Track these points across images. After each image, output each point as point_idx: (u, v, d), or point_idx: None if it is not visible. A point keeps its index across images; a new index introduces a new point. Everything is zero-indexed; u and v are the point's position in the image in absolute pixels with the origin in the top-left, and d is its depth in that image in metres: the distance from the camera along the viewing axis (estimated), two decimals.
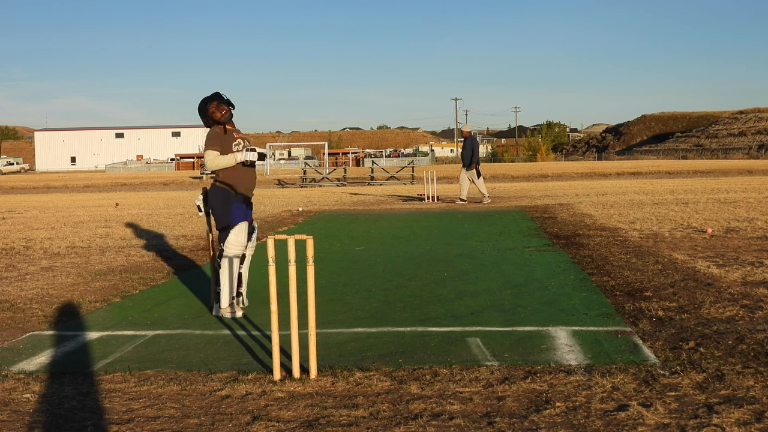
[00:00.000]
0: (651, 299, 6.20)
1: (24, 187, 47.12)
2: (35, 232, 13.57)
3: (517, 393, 3.94)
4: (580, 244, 9.78)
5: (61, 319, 6.21)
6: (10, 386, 4.32)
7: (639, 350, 4.70)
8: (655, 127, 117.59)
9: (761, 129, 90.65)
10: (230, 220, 6.05)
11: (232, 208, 6.07)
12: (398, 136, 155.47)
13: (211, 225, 6.37)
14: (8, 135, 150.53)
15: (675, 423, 3.46)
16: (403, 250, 9.98)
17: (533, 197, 20.57)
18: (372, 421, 3.61)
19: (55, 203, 24.42)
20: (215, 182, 6.14)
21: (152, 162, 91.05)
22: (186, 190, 36.34)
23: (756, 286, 6.60)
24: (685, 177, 36.29)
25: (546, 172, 45.70)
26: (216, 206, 6.12)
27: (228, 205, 6.07)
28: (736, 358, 4.43)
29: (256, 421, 3.64)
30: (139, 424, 3.66)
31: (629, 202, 17.20)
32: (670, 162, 64.28)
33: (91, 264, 9.29)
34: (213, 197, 6.15)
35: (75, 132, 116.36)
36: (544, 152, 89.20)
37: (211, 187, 6.22)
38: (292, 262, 4.40)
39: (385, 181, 37.60)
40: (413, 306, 6.35)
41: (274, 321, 4.47)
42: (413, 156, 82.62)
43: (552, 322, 5.58)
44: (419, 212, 16.78)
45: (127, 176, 60.72)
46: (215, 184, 6.14)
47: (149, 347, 5.23)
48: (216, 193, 6.14)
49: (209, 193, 6.23)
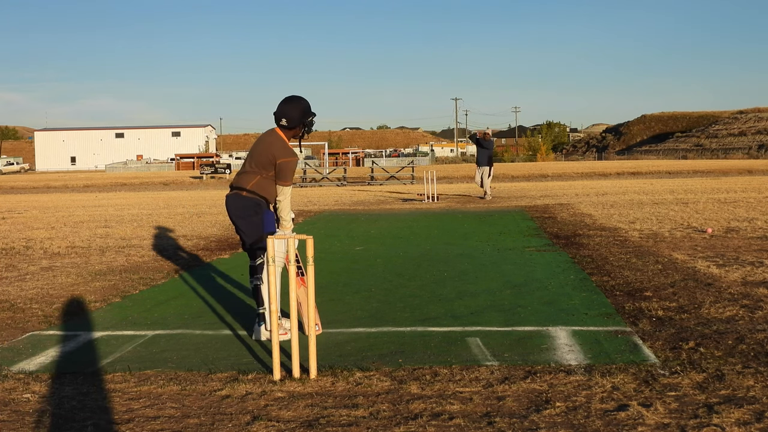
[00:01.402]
0: (651, 299, 6.20)
1: (24, 187, 47.12)
2: (35, 232, 13.57)
3: (517, 393, 3.95)
4: (580, 244, 9.78)
5: (61, 319, 6.21)
6: (10, 386, 4.32)
7: (639, 350, 4.70)
8: (655, 127, 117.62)
9: (761, 129, 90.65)
10: (264, 229, 5.34)
11: (265, 217, 5.39)
12: (398, 136, 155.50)
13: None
14: (8, 135, 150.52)
15: (675, 423, 3.46)
16: (403, 250, 9.98)
17: (533, 197, 20.57)
18: (372, 421, 3.61)
19: (55, 203, 24.42)
20: (241, 191, 5.44)
21: (152, 162, 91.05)
22: (186, 190, 36.34)
23: (756, 286, 6.60)
24: (685, 177, 36.29)
25: (546, 172, 45.70)
26: (246, 216, 5.39)
27: (260, 214, 5.38)
28: (736, 358, 4.43)
29: (256, 421, 3.64)
30: (139, 424, 3.66)
31: (629, 202, 17.20)
32: (670, 162, 64.28)
33: (91, 264, 9.29)
34: (242, 207, 5.41)
35: (75, 132, 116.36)
36: (544, 152, 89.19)
37: (235, 197, 5.48)
38: (292, 262, 4.40)
39: (385, 181, 37.61)
40: (413, 306, 6.35)
41: (274, 321, 4.47)
42: (413, 156, 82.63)
43: (552, 322, 5.58)
44: (419, 212, 16.79)
45: (127, 176, 60.72)
46: (241, 194, 5.43)
47: (149, 347, 5.23)
48: (245, 202, 5.42)
49: (234, 203, 5.47)
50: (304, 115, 5.43)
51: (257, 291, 5.43)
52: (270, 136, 5.46)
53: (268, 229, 5.36)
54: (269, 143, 5.40)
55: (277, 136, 5.44)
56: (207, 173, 50.39)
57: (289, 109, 5.41)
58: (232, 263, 9.16)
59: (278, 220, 5.51)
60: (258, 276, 5.43)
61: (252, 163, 5.45)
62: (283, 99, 5.51)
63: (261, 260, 5.41)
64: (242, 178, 5.48)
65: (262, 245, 5.37)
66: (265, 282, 5.26)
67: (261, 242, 5.37)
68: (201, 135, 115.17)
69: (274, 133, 5.47)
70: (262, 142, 5.46)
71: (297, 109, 5.42)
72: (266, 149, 5.38)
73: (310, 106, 5.51)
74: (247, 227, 5.41)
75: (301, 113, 5.41)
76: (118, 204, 22.76)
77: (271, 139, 5.43)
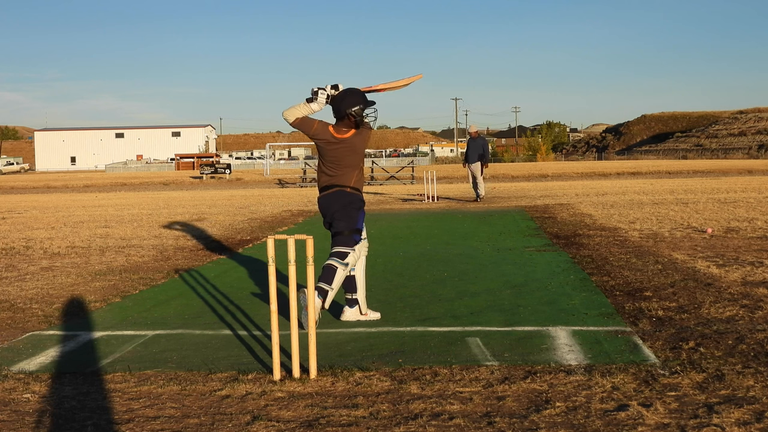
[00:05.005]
0: (651, 299, 6.20)
1: (24, 187, 47.12)
2: (35, 232, 13.57)
3: (517, 393, 3.95)
4: (580, 244, 9.78)
5: (61, 319, 6.21)
6: (10, 386, 4.32)
7: (639, 350, 4.70)
8: (655, 127, 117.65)
9: (761, 129, 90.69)
10: (357, 224, 5.85)
11: (361, 213, 5.90)
12: (398, 136, 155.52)
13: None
14: (8, 135, 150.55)
15: (675, 423, 3.46)
16: (403, 250, 9.98)
17: (533, 197, 20.57)
18: (372, 421, 3.61)
19: (55, 203, 24.42)
20: (345, 188, 5.84)
21: (152, 162, 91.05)
22: (186, 190, 36.35)
23: (756, 286, 6.60)
24: (685, 177, 36.29)
25: (546, 172, 45.70)
26: (346, 210, 5.80)
27: (359, 210, 5.87)
28: (736, 358, 4.43)
29: (256, 421, 3.64)
30: (139, 424, 3.66)
31: (629, 202, 17.20)
32: (670, 162, 64.28)
33: (91, 264, 9.30)
34: (345, 202, 5.83)
35: (75, 132, 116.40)
36: (544, 152, 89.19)
37: (339, 192, 5.85)
38: (292, 262, 4.40)
39: (385, 181, 37.61)
40: (413, 306, 6.35)
41: (274, 321, 4.47)
42: (413, 156, 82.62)
43: (552, 322, 5.58)
44: (419, 212, 16.79)
45: (127, 176, 60.72)
46: (345, 190, 5.83)
47: (149, 347, 5.23)
48: (349, 197, 5.84)
49: (337, 198, 5.86)
50: (361, 102, 5.79)
51: (350, 280, 5.87)
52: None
53: (360, 225, 5.87)
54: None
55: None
56: (207, 173, 50.39)
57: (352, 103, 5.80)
58: (232, 263, 9.17)
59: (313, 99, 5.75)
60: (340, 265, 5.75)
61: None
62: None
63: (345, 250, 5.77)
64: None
65: (349, 237, 5.79)
66: (359, 270, 5.90)
67: (341, 234, 5.80)
68: (201, 135, 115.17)
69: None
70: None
71: (361, 99, 5.81)
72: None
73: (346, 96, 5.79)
74: (342, 217, 5.85)
75: (360, 101, 5.78)
76: (118, 204, 22.76)
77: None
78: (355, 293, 5.89)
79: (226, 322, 5.98)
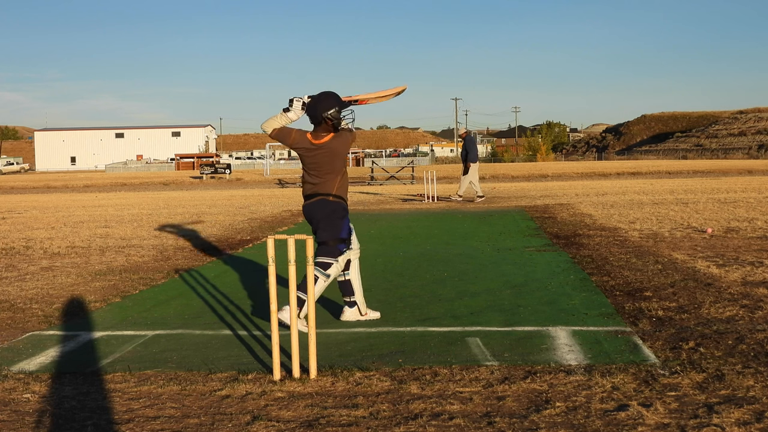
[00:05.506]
0: (651, 299, 6.20)
1: (24, 187, 47.12)
2: (35, 232, 13.57)
3: (517, 393, 3.95)
4: (580, 244, 9.78)
5: (61, 319, 6.21)
6: (10, 386, 4.32)
7: (639, 350, 4.70)
8: (655, 127, 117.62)
9: (761, 129, 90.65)
10: (341, 233, 5.70)
11: (345, 222, 5.75)
12: (398, 136, 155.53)
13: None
14: (8, 135, 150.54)
15: (675, 423, 3.46)
16: (403, 250, 9.99)
17: (533, 197, 20.57)
18: (372, 421, 3.61)
19: (55, 203, 24.42)
20: (328, 196, 5.70)
21: (152, 162, 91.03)
22: (186, 190, 36.34)
23: (756, 286, 6.60)
24: (685, 177, 36.29)
25: (546, 172, 45.70)
26: (329, 219, 5.67)
27: (343, 219, 5.72)
28: (736, 358, 4.43)
29: (256, 421, 3.64)
30: (139, 424, 3.66)
31: (629, 202, 17.20)
32: (670, 162, 64.27)
33: (91, 264, 9.30)
34: (328, 211, 5.69)
35: (75, 132, 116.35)
36: (544, 152, 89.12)
37: (321, 202, 5.72)
38: (292, 262, 4.40)
39: (385, 180, 37.60)
40: (413, 306, 6.35)
41: (274, 321, 4.47)
42: (413, 156, 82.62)
43: (552, 322, 5.58)
44: (419, 212, 16.79)
45: (127, 176, 60.71)
46: (328, 199, 5.69)
47: (149, 347, 5.23)
48: (332, 206, 5.70)
49: (319, 207, 5.73)
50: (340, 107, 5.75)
51: (346, 284, 5.85)
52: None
53: (344, 235, 5.75)
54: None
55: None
56: (207, 173, 50.37)
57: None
58: (232, 263, 9.17)
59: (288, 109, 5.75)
60: (344, 272, 5.81)
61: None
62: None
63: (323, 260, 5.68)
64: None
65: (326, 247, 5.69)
66: (353, 273, 5.86)
67: (326, 244, 5.70)
68: (201, 135, 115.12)
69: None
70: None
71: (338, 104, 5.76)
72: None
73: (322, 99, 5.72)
74: (324, 227, 5.75)
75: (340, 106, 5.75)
76: (118, 204, 22.76)
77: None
78: (352, 296, 5.87)
79: (226, 322, 5.98)
